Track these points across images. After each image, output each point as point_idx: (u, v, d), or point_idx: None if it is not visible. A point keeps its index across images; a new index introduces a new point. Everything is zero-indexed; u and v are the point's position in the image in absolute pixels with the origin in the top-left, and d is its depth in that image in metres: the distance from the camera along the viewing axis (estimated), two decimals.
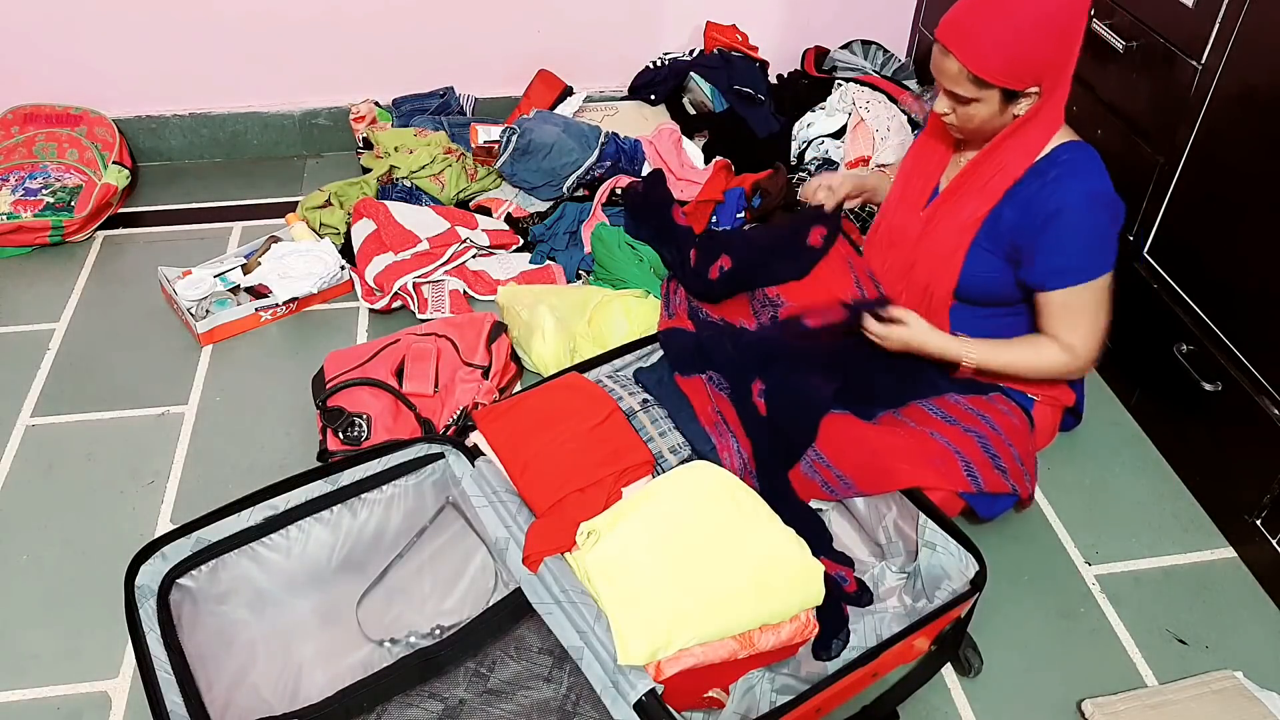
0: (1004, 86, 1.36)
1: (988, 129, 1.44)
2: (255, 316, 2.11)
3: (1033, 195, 1.44)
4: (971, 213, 1.50)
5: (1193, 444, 1.78)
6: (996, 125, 1.43)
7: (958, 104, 1.42)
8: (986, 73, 1.34)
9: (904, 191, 1.64)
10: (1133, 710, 1.40)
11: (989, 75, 1.34)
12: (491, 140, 2.40)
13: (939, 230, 1.55)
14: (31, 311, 2.16)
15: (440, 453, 1.46)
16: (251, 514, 1.33)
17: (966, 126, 1.45)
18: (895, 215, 1.65)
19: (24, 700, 1.45)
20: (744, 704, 1.29)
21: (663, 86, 2.72)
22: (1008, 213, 1.47)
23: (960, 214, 1.51)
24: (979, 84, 1.36)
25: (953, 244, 1.53)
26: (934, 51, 1.39)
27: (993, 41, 1.32)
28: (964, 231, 1.51)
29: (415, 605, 1.47)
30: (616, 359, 1.64)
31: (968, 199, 1.51)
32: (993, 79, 1.35)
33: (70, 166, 2.42)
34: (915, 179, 1.62)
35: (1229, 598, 1.62)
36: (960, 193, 1.52)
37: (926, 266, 1.58)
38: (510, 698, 1.31)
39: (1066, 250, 1.42)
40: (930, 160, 1.61)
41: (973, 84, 1.37)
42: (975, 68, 1.34)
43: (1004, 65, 1.34)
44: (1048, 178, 1.43)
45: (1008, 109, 1.40)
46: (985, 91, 1.37)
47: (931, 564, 1.35)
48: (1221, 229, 1.64)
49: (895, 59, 2.80)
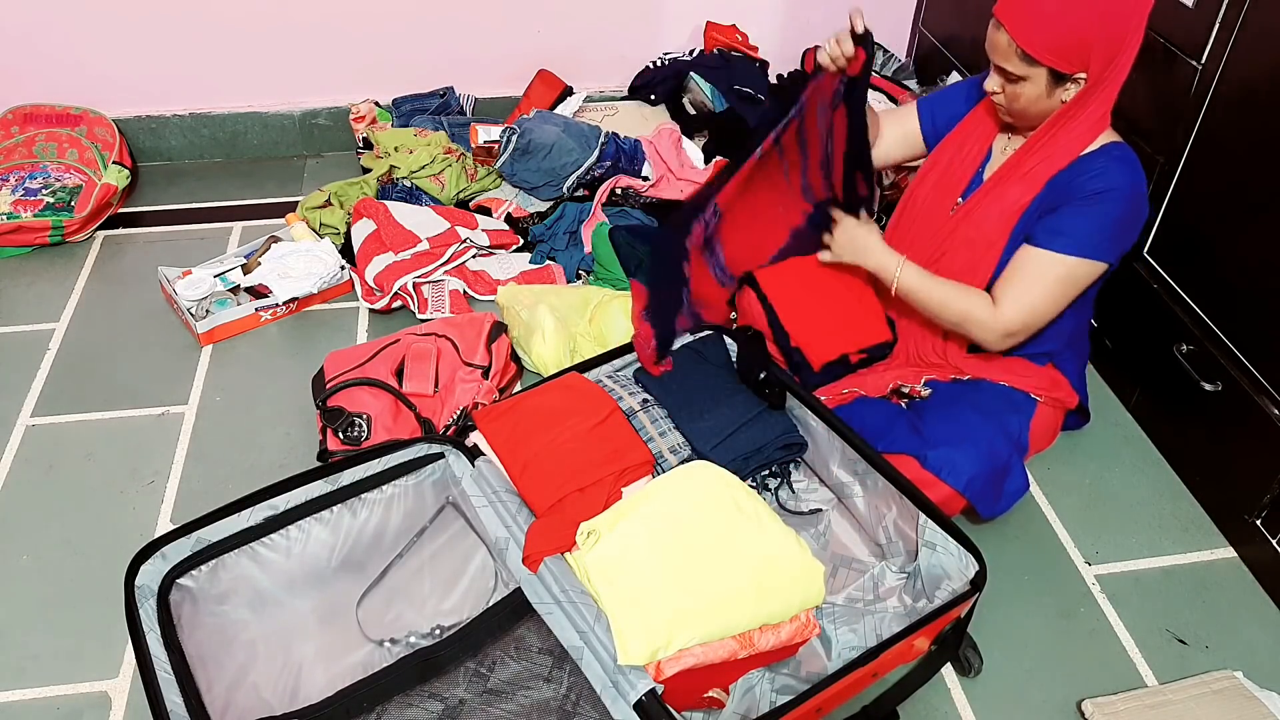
0: (1051, 66, 1.37)
1: (1033, 111, 1.45)
2: (255, 316, 2.11)
3: (1073, 179, 1.45)
4: (1015, 200, 1.51)
5: (1193, 444, 1.78)
6: (1043, 109, 1.44)
7: (1006, 81, 1.43)
8: (1035, 48, 1.35)
9: (941, 178, 1.63)
10: (1133, 710, 1.40)
11: (1037, 51, 1.35)
12: (491, 140, 2.40)
13: (980, 220, 1.55)
14: (31, 311, 2.16)
15: (440, 453, 1.46)
16: (251, 514, 1.34)
17: (1013, 106, 1.46)
18: (930, 200, 1.65)
19: (24, 700, 1.45)
20: (744, 704, 1.29)
21: (663, 86, 2.71)
22: (1045, 199, 1.48)
23: (1003, 202, 1.52)
24: (1027, 61, 1.37)
25: (993, 235, 1.53)
26: (989, 28, 1.40)
27: (1045, 18, 1.34)
28: (1005, 220, 1.52)
29: (415, 605, 1.47)
30: (616, 359, 1.64)
31: (1011, 187, 1.51)
32: (1041, 56, 1.36)
33: (70, 166, 2.42)
34: (955, 167, 1.62)
35: (1229, 598, 1.62)
36: (1006, 181, 1.52)
37: (962, 257, 1.57)
38: (510, 698, 1.31)
39: (1070, 215, 1.44)
40: (971, 148, 1.61)
41: (1021, 60, 1.38)
42: (1024, 42, 1.35)
43: (1052, 43, 1.34)
44: (1095, 167, 1.44)
45: (1054, 92, 1.41)
46: (1033, 70, 1.38)
47: (931, 564, 1.35)
48: (1221, 229, 1.64)
49: (895, 59, 2.80)
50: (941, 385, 1.63)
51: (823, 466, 1.58)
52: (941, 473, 1.47)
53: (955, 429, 1.52)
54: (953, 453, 1.48)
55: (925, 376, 1.64)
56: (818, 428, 1.54)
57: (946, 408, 1.57)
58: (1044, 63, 1.37)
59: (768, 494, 1.58)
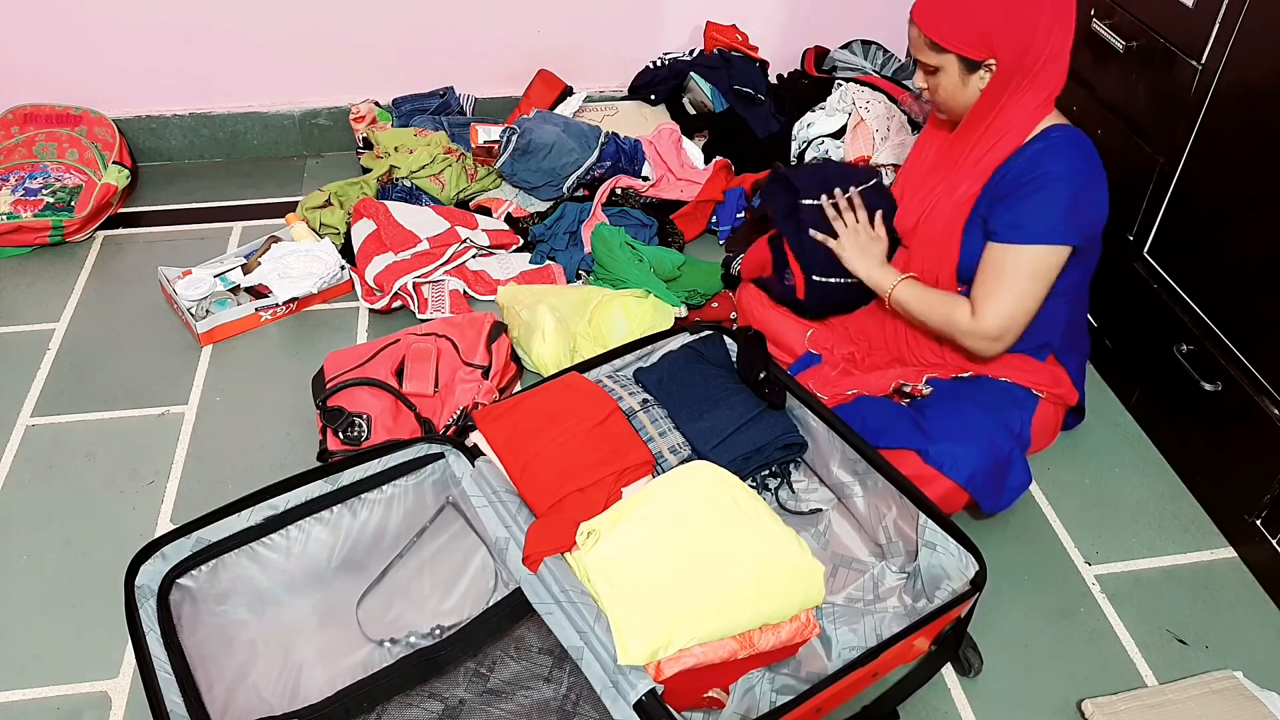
0: (958, 53, 1.43)
1: (956, 102, 1.51)
2: (255, 316, 2.11)
3: (1014, 167, 1.48)
4: (965, 191, 1.54)
5: (1193, 444, 1.78)
6: (964, 99, 1.49)
7: (925, 74, 1.50)
8: (940, 36, 1.42)
9: (905, 188, 1.69)
10: (1133, 710, 1.40)
11: (942, 39, 1.42)
12: (491, 140, 2.40)
13: (934, 215, 1.59)
14: (31, 311, 2.16)
15: (440, 453, 1.46)
16: (251, 514, 1.34)
17: (936, 99, 1.53)
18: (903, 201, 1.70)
19: (24, 700, 1.45)
20: (744, 704, 1.29)
21: (663, 86, 2.71)
22: (994, 187, 1.51)
23: (954, 194, 1.56)
24: (936, 49, 1.44)
25: (949, 225, 1.56)
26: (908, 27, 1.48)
27: (945, 6, 1.41)
28: (958, 210, 1.55)
29: (415, 605, 1.47)
30: (616, 359, 1.64)
31: (960, 178, 1.55)
32: (946, 43, 1.42)
33: (70, 166, 2.42)
34: (913, 174, 1.68)
35: (1229, 598, 1.62)
36: (954, 174, 1.56)
37: (926, 253, 1.61)
38: (510, 698, 1.31)
39: (1024, 204, 1.46)
40: (927, 154, 1.66)
41: (931, 50, 1.45)
42: (929, 31, 1.43)
43: (953, 29, 1.41)
44: (1032, 153, 1.47)
45: (969, 80, 1.46)
46: (943, 58, 1.45)
47: (931, 564, 1.35)
48: (1221, 229, 1.64)
49: (895, 59, 2.80)
50: (943, 383, 1.63)
51: (823, 466, 1.58)
52: (943, 467, 1.47)
53: (957, 424, 1.52)
54: (954, 447, 1.48)
55: (926, 375, 1.65)
56: (818, 428, 1.54)
57: (948, 403, 1.57)
58: (950, 49, 1.43)
59: (768, 494, 1.58)
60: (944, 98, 1.51)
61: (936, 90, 1.51)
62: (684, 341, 1.66)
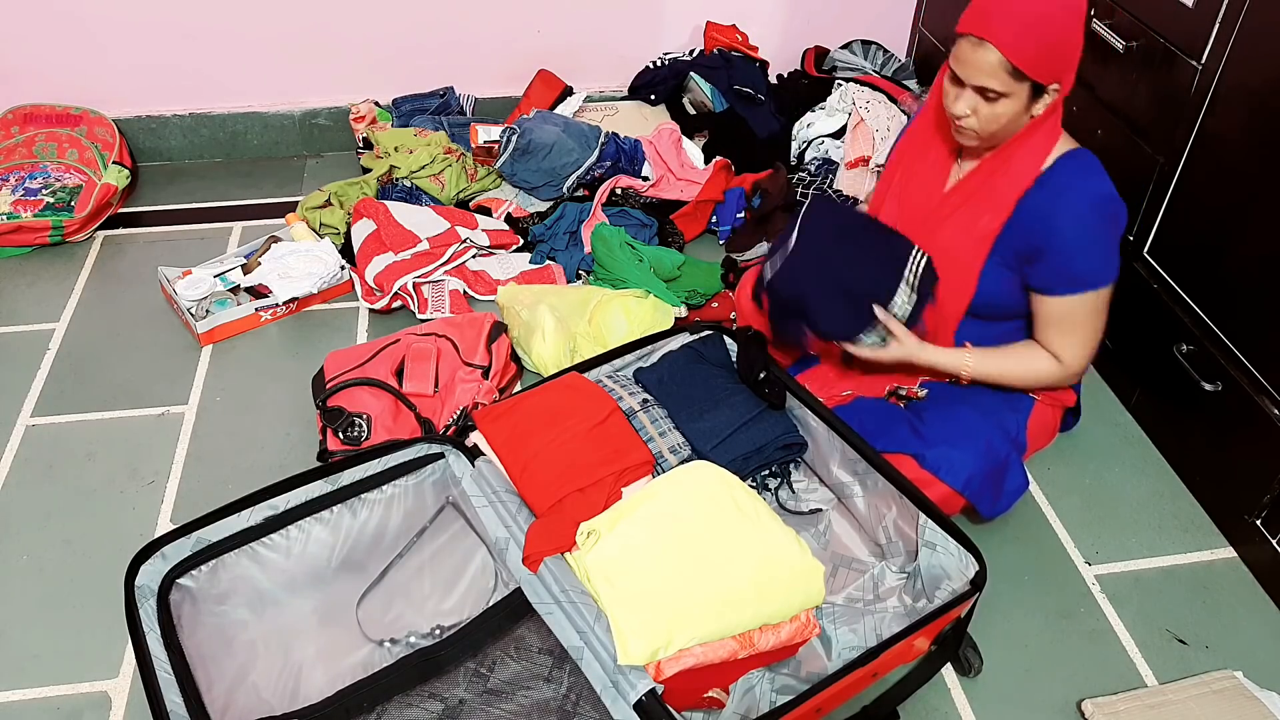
0: (1035, 79, 1.33)
1: (1006, 132, 1.41)
2: (255, 316, 2.11)
3: (1042, 203, 1.43)
4: (986, 226, 1.48)
5: (1193, 444, 1.78)
6: (1014, 128, 1.40)
7: (985, 102, 1.36)
8: (1024, 61, 1.30)
9: (902, 201, 1.60)
10: (1133, 710, 1.40)
11: (1026, 64, 1.30)
12: (491, 140, 2.40)
13: (952, 245, 1.52)
14: (31, 311, 2.16)
15: (440, 453, 1.46)
16: (251, 514, 1.34)
17: (987, 129, 1.39)
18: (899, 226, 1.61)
19: (24, 700, 1.45)
20: (744, 704, 1.29)
21: (663, 86, 2.72)
22: (1018, 223, 1.46)
23: (975, 228, 1.49)
24: (1016, 76, 1.32)
25: (968, 260, 1.51)
26: (962, 48, 1.34)
27: (1029, 27, 1.29)
28: (980, 245, 1.49)
29: (415, 605, 1.47)
30: (616, 359, 1.64)
31: (981, 212, 1.48)
32: (1029, 69, 1.31)
33: (70, 166, 2.42)
34: (914, 190, 1.59)
35: (1229, 598, 1.62)
36: (972, 205, 1.50)
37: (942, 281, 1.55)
38: (510, 698, 1.31)
39: (1075, 257, 1.43)
40: (930, 167, 1.57)
41: (1010, 76, 1.32)
42: (1014, 56, 1.30)
43: (1039, 53, 1.30)
44: (1055, 186, 1.43)
45: (1030, 108, 1.38)
46: (1018, 85, 1.33)
47: (931, 564, 1.35)
48: (1221, 229, 1.64)
49: (895, 59, 2.80)
50: (939, 386, 1.63)
51: (823, 466, 1.58)
52: (940, 471, 1.47)
53: (953, 428, 1.52)
54: (951, 451, 1.48)
55: (921, 378, 1.64)
56: (818, 428, 1.54)
57: (944, 407, 1.57)
58: (1030, 76, 1.32)
59: (768, 494, 1.58)
60: (1000, 126, 1.38)
61: (994, 120, 1.37)
62: (684, 341, 1.66)
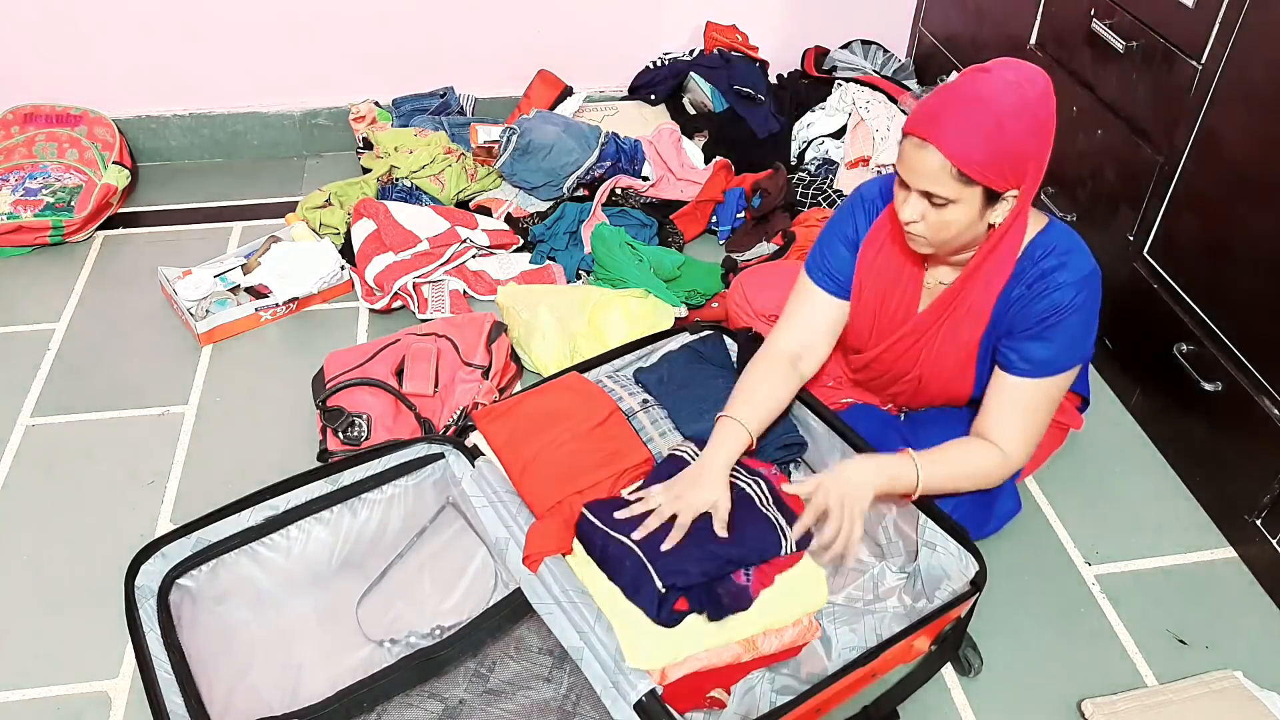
0: (987, 185, 1.22)
1: (960, 240, 1.30)
2: (255, 316, 2.11)
3: (1022, 297, 1.34)
4: (968, 336, 1.42)
5: (1193, 444, 1.78)
6: (972, 235, 1.29)
7: (931, 208, 1.26)
8: (971, 165, 1.20)
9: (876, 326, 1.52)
10: (1133, 710, 1.40)
11: (973, 169, 1.20)
12: (491, 140, 2.40)
13: (938, 360, 1.46)
14: (31, 311, 2.16)
15: (440, 453, 1.46)
16: (251, 514, 1.34)
17: (937, 237, 1.29)
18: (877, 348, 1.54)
19: (24, 700, 1.45)
20: (744, 704, 1.29)
21: (663, 86, 2.72)
22: (999, 321, 1.38)
23: (956, 341, 1.43)
24: (963, 181, 1.21)
25: (958, 369, 1.46)
26: (905, 149, 1.24)
27: (976, 131, 1.19)
28: (965, 352, 1.44)
29: (415, 605, 1.47)
30: (616, 359, 1.64)
31: (960, 327, 1.42)
32: (977, 174, 1.20)
33: (70, 166, 2.42)
34: (886, 316, 1.49)
35: (1229, 598, 1.62)
36: (951, 322, 1.42)
37: (934, 389, 1.52)
38: (510, 698, 1.31)
39: (1051, 344, 1.33)
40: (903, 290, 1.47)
41: (956, 181, 1.21)
42: (959, 160, 1.19)
43: (989, 158, 1.19)
44: (1033, 278, 1.33)
45: (985, 215, 1.27)
46: (967, 190, 1.23)
47: (931, 564, 1.35)
48: (1221, 229, 1.64)
49: (895, 59, 2.80)
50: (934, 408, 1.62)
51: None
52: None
53: None
54: None
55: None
56: (818, 428, 1.54)
57: (938, 425, 1.55)
58: (979, 181, 1.21)
59: None
60: (948, 235, 1.28)
61: (943, 228, 1.27)
62: (684, 341, 1.66)
